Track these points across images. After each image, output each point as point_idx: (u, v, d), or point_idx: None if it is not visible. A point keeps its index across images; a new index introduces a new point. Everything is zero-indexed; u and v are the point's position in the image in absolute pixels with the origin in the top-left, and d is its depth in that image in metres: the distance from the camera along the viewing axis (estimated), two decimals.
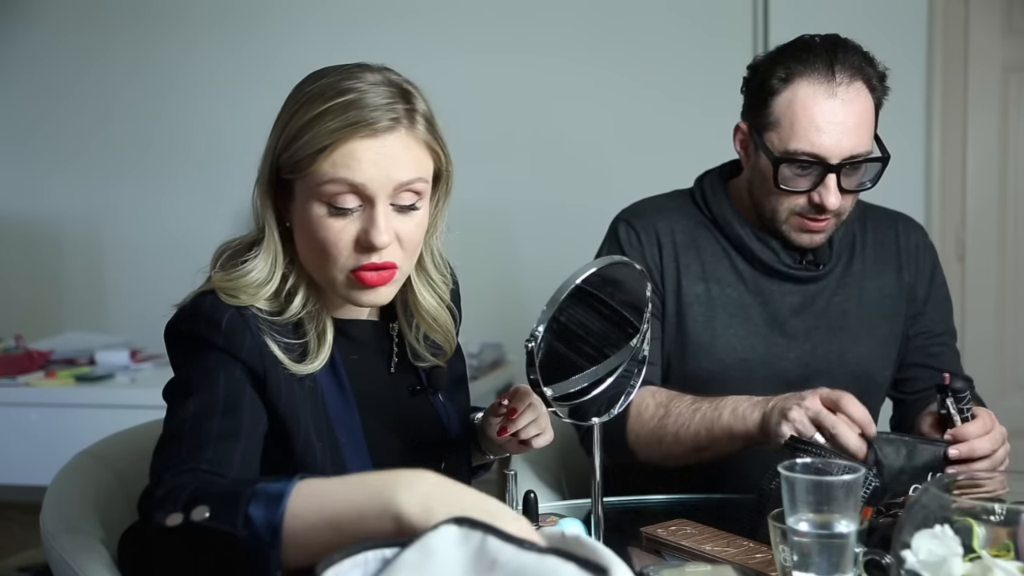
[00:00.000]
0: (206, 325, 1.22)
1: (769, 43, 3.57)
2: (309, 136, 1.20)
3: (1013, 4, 3.61)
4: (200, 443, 1.13)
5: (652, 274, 1.75)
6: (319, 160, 1.20)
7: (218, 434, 1.15)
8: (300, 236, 1.26)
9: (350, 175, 1.20)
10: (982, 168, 3.66)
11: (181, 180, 4.10)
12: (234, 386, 1.20)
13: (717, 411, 1.58)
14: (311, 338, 1.27)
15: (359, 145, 1.20)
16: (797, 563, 1.04)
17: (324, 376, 1.29)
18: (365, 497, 0.95)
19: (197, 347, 1.23)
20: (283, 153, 1.23)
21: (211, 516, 0.99)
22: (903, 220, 1.87)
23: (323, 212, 1.22)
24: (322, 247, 1.23)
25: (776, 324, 1.74)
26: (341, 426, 1.29)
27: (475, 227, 3.91)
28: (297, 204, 1.25)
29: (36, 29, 4.25)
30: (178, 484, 1.06)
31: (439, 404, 1.42)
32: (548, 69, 3.82)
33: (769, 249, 1.74)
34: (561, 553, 0.83)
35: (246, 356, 1.21)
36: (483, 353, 3.56)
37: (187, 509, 1.01)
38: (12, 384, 3.32)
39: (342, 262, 1.23)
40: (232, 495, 1.00)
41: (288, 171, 1.23)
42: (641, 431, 1.65)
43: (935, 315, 1.83)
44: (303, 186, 1.23)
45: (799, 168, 1.63)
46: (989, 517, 0.97)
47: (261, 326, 1.23)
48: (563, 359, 1.25)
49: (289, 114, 1.24)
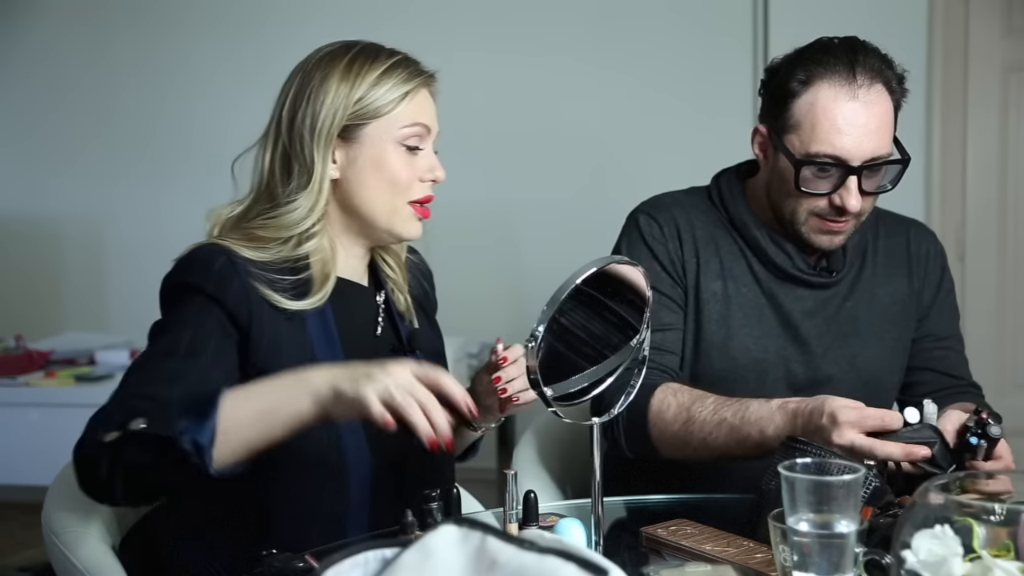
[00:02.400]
0: (199, 271, 1.35)
1: (769, 43, 3.58)
2: (391, 83, 1.41)
3: (1013, 4, 3.61)
4: (147, 379, 1.27)
5: (675, 266, 1.74)
6: (402, 103, 1.41)
7: (170, 373, 1.27)
8: (368, 175, 1.42)
9: (424, 118, 1.44)
10: (982, 168, 3.66)
11: (181, 180, 4.09)
12: (204, 333, 1.32)
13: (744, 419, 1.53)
14: (315, 277, 1.40)
15: (425, 93, 1.45)
16: (797, 563, 1.04)
17: (314, 322, 1.40)
18: (286, 385, 1.21)
19: (183, 297, 1.35)
20: (358, 102, 1.40)
21: (147, 426, 1.17)
22: (915, 226, 1.86)
23: (402, 150, 1.42)
24: (396, 180, 1.42)
25: (789, 327, 1.73)
26: (325, 363, 1.37)
27: (475, 227, 3.93)
28: (366, 146, 1.42)
29: (36, 30, 4.25)
30: (120, 407, 1.22)
31: (416, 360, 1.49)
32: (548, 69, 3.82)
33: (784, 253, 1.73)
34: (561, 553, 0.83)
35: (232, 300, 1.34)
36: (483, 353, 3.55)
37: (122, 426, 1.18)
38: (12, 384, 3.31)
39: (412, 193, 1.43)
40: (164, 406, 1.19)
41: (363, 117, 1.41)
42: (665, 431, 1.62)
43: (940, 319, 1.82)
44: (378, 128, 1.41)
45: (820, 171, 1.62)
46: (989, 517, 0.97)
47: (251, 271, 1.36)
48: (563, 359, 1.25)
49: (347, 71, 1.41)
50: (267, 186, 1.44)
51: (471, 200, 3.79)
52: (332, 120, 1.40)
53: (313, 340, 1.40)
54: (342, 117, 1.40)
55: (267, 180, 1.44)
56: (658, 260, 1.73)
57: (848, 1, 3.45)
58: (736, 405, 1.56)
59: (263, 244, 1.39)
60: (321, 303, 1.40)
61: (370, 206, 1.43)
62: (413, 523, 1.22)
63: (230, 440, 1.19)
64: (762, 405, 1.53)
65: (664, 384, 1.64)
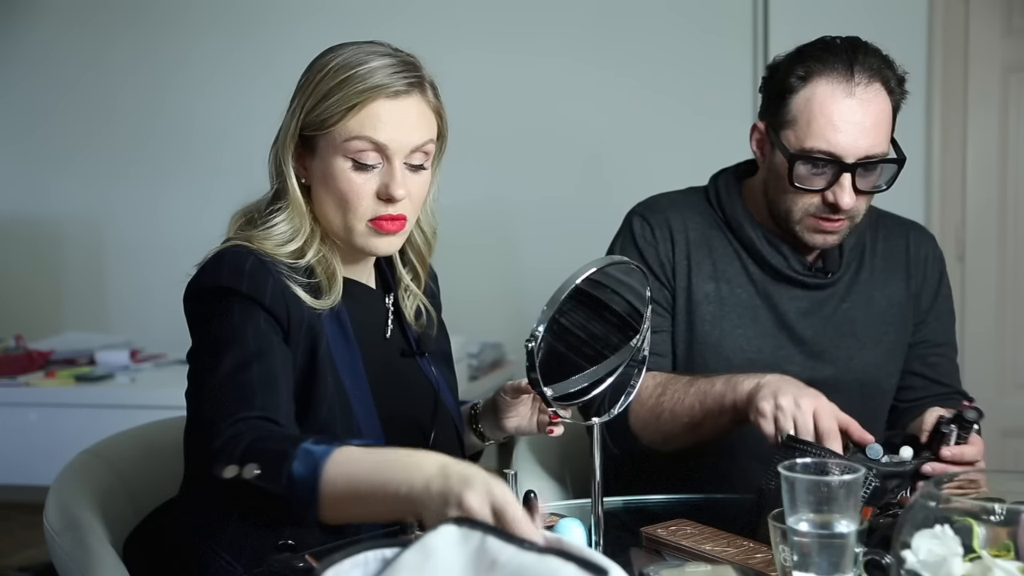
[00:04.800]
0: (230, 273, 1.32)
1: (769, 43, 3.57)
2: (339, 96, 1.34)
3: (1013, 4, 3.61)
4: (245, 394, 1.23)
5: (664, 269, 1.75)
6: (347, 117, 1.34)
7: (259, 382, 1.25)
8: (321, 189, 1.39)
9: (374, 134, 1.35)
10: (982, 168, 3.65)
11: (181, 180, 4.10)
12: (261, 334, 1.29)
13: (711, 382, 1.57)
14: (322, 280, 1.38)
15: (382, 106, 1.35)
16: (797, 563, 1.04)
17: (331, 323, 1.39)
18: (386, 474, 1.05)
19: (222, 300, 1.32)
20: (311, 111, 1.36)
21: (260, 475, 1.12)
22: (915, 229, 1.86)
23: (347, 166, 1.36)
24: (344, 198, 1.36)
25: (784, 328, 1.74)
26: (344, 368, 1.38)
27: (476, 227, 3.93)
28: (319, 159, 1.38)
29: (36, 30, 4.25)
30: (234, 434, 1.18)
31: (425, 364, 1.53)
32: (548, 69, 3.82)
33: (780, 254, 1.74)
34: (561, 553, 0.83)
35: (270, 300, 1.31)
36: (483, 353, 3.56)
37: (242, 463, 1.13)
38: (12, 384, 3.31)
39: (362, 212, 1.37)
40: (279, 455, 1.11)
41: (314, 128, 1.36)
42: (640, 411, 1.65)
43: (937, 325, 1.82)
44: (327, 142, 1.36)
45: (814, 166, 1.62)
46: (989, 517, 0.97)
47: (280, 269, 1.34)
48: (563, 359, 1.26)
49: (316, 78, 1.37)
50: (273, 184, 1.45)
51: (471, 200, 3.79)
52: (292, 128, 1.38)
53: (331, 344, 1.38)
54: (297, 126, 1.38)
55: (273, 179, 1.45)
56: (647, 263, 1.75)
57: (848, 1, 3.45)
58: (714, 375, 1.59)
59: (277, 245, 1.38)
60: (335, 303, 1.39)
61: (326, 221, 1.41)
62: (413, 523, 1.22)
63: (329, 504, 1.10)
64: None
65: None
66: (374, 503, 1.05)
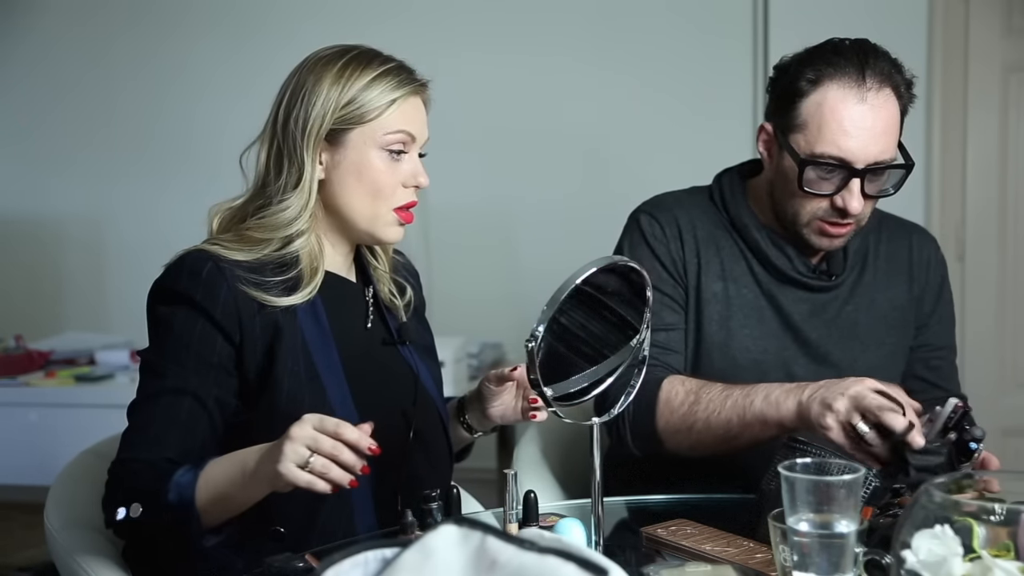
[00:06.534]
0: (188, 278, 1.39)
1: (769, 44, 3.57)
2: (378, 91, 1.43)
3: (1013, 4, 3.61)
4: (141, 435, 1.37)
5: (676, 266, 1.74)
6: (388, 111, 1.43)
7: (188, 414, 1.37)
8: (350, 179, 1.45)
9: (411, 127, 1.45)
10: (982, 168, 3.66)
11: (181, 180, 4.10)
12: (188, 358, 1.38)
13: (749, 398, 1.55)
14: (305, 272, 1.43)
15: (413, 101, 1.46)
16: (797, 563, 1.04)
17: (306, 317, 1.44)
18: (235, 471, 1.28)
19: (171, 305, 1.40)
20: (347, 105, 1.43)
21: (143, 511, 1.30)
22: (918, 232, 1.86)
23: (384, 157, 1.44)
24: (378, 187, 1.45)
25: (789, 329, 1.73)
26: (319, 355, 1.44)
27: (476, 227, 3.94)
28: (350, 151, 1.44)
29: (36, 30, 4.25)
30: (121, 480, 1.34)
31: (407, 352, 1.57)
32: (548, 69, 3.82)
33: (784, 256, 1.73)
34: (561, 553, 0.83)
35: (221, 309, 1.38)
36: (483, 353, 3.55)
37: (127, 504, 1.31)
38: (12, 384, 3.31)
39: (393, 200, 1.46)
40: (154, 493, 1.29)
41: (350, 122, 1.43)
42: (671, 418, 1.63)
43: (938, 329, 1.82)
44: (362, 135, 1.44)
45: (824, 171, 1.61)
46: (989, 517, 0.97)
47: (239, 274, 1.39)
48: (563, 359, 1.26)
49: (339, 76, 1.43)
50: (263, 183, 1.47)
51: (471, 200, 3.79)
52: (321, 122, 1.43)
53: (306, 335, 1.43)
54: (330, 120, 1.43)
55: (263, 177, 1.47)
56: (659, 260, 1.74)
57: (848, 1, 3.44)
58: (747, 386, 1.58)
59: (254, 244, 1.43)
60: (311, 296, 1.44)
61: (351, 209, 1.47)
62: (413, 523, 1.23)
63: (212, 518, 1.30)
64: (774, 384, 1.56)
65: (671, 376, 1.65)
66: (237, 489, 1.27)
